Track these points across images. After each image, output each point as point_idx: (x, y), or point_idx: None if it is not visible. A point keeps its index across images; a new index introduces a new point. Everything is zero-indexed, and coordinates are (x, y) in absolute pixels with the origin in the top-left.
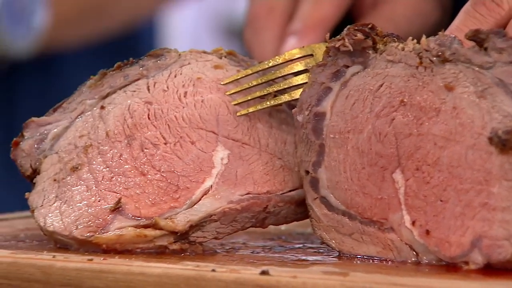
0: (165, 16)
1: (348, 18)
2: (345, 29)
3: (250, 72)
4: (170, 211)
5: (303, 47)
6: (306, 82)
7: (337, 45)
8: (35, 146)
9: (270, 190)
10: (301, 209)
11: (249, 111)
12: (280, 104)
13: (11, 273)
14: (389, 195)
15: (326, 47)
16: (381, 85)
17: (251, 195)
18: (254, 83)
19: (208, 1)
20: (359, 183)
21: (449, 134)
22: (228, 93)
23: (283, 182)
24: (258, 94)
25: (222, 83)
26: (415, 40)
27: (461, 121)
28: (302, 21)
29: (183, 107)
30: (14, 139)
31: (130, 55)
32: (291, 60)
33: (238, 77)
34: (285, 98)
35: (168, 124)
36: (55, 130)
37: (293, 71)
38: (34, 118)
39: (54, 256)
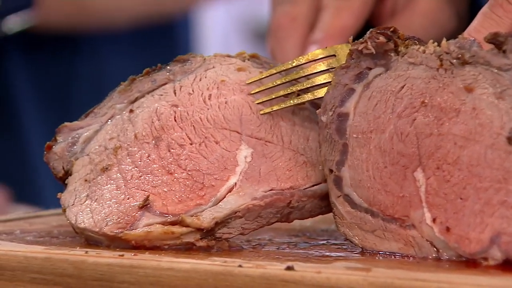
0: (199, 12)
1: (368, 27)
2: (368, 32)
3: (274, 71)
4: (196, 208)
5: (326, 47)
6: (328, 82)
7: (360, 48)
8: (67, 149)
9: (293, 186)
10: (325, 203)
11: (273, 109)
12: (303, 103)
13: (45, 268)
14: (410, 193)
15: (350, 49)
16: (403, 87)
17: (274, 191)
18: (278, 82)
19: (237, 4)
20: (381, 181)
21: (468, 134)
22: (252, 92)
23: (306, 177)
24: (281, 93)
25: (246, 82)
26: (435, 43)
27: (480, 121)
28: (323, 30)
29: (208, 109)
30: (47, 143)
31: (165, 44)
32: (314, 60)
33: (262, 77)
34: (308, 97)
35: (193, 126)
36: (86, 133)
37: (316, 71)
38: (66, 123)
39: (86, 252)
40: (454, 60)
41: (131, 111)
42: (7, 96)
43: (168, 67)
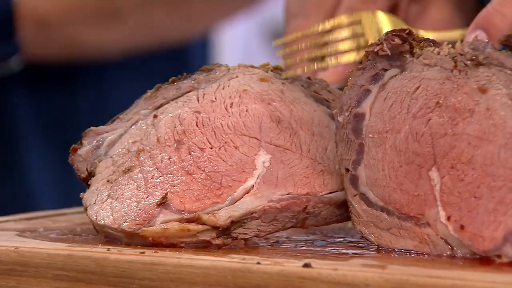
0: (217, 31)
1: None
2: (383, 34)
3: (300, 35)
4: (212, 206)
5: (352, 13)
6: (352, 49)
7: (376, 50)
8: (92, 152)
9: (309, 192)
10: (340, 211)
11: (297, 72)
12: (327, 68)
13: (68, 265)
14: (425, 192)
15: (366, 51)
16: (418, 88)
17: (291, 195)
18: (303, 46)
19: (258, 12)
20: (397, 180)
21: (482, 134)
22: (278, 53)
23: (323, 184)
24: (306, 56)
25: (273, 43)
26: (450, 45)
27: (494, 121)
28: (348, 9)
29: (229, 116)
30: (73, 145)
31: (177, 65)
32: (339, 27)
33: (289, 40)
34: (332, 62)
35: (214, 131)
36: (110, 137)
37: (340, 36)
38: (92, 128)
39: (108, 249)
40: (468, 62)
41: (155, 116)
42: (9, 128)
43: (193, 76)
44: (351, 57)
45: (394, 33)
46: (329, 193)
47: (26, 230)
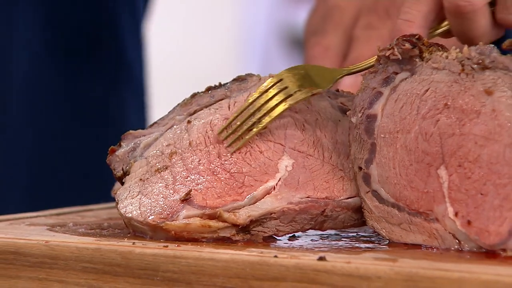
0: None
1: None
2: (394, 39)
3: (235, 115)
4: (232, 203)
5: (273, 76)
6: (281, 101)
7: (387, 54)
8: (128, 153)
9: (328, 196)
10: (357, 216)
11: (239, 146)
12: (264, 127)
13: (95, 258)
14: (434, 189)
15: (377, 55)
16: (427, 90)
17: (310, 199)
18: (240, 121)
19: (273, 14)
20: (407, 178)
21: (488, 134)
22: (222, 138)
23: (342, 190)
24: (245, 127)
25: (217, 134)
26: (458, 49)
27: (499, 122)
28: (355, 59)
29: None
30: (111, 146)
31: None
32: (266, 90)
33: (230, 121)
34: (266, 120)
35: (242, 137)
36: (146, 140)
37: (269, 97)
38: (131, 131)
39: (133, 243)
40: (475, 65)
41: (189, 122)
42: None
43: (227, 85)
44: (282, 108)
45: (404, 38)
46: (348, 198)
47: (56, 225)
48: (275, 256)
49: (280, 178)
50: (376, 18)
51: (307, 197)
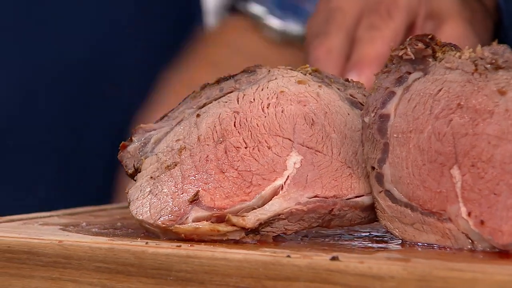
0: None
1: None
2: (408, 39)
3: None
4: (240, 203)
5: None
6: None
7: (400, 54)
8: (139, 149)
9: (336, 194)
10: (365, 214)
11: None
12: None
13: (108, 258)
14: (447, 189)
15: (390, 55)
16: (440, 90)
17: (318, 198)
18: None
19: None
20: (420, 178)
21: (501, 134)
22: None
23: (350, 188)
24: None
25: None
26: (471, 49)
27: None
28: (358, 59)
29: (265, 116)
30: (123, 142)
31: None
32: None
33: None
34: None
35: (250, 131)
36: (157, 135)
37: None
38: (142, 125)
39: (147, 243)
40: (488, 65)
41: (198, 115)
42: None
43: (236, 77)
44: None
45: (417, 38)
46: (356, 197)
47: (69, 224)
48: (288, 256)
49: (288, 176)
50: (378, 19)
51: (315, 196)
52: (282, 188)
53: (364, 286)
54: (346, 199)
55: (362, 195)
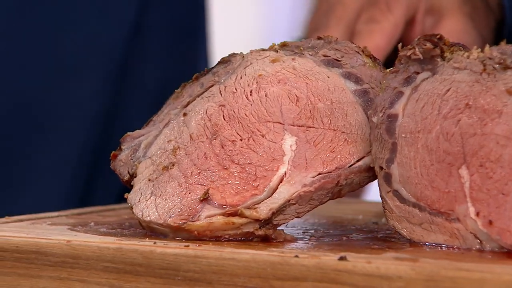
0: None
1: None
2: (416, 39)
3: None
4: (252, 198)
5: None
6: None
7: (408, 54)
8: (131, 155)
9: (338, 166)
10: (371, 173)
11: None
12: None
13: (117, 258)
14: (455, 189)
15: (399, 55)
16: (448, 90)
17: (322, 175)
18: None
19: (296, 9)
20: (428, 178)
21: (510, 134)
22: None
23: (349, 155)
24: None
25: None
26: (479, 49)
27: None
28: (368, 21)
29: (251, 105)
30: (113, 152)
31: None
32: None
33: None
34: None
35: (240, 123)
36: (146, 139)
37: None
38: (129, 133)
39: (155, 243)
40: (497, 65)
41: (185, 114)
42: None
43: (213, 70)
44: None
45: (425, 38)
46: (357, 161)
47: (77, 224)
48: (296, 256)
49: (288, 161)
50: (378, 12)
51: (319, 174)
52: (285, 174)
53: (372, 286)
54: (349, 166)
55: (363, 157)
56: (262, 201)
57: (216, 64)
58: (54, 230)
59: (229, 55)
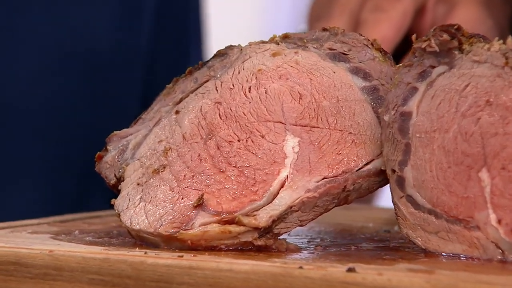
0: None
1: (407, 41)
2: (431, 30)
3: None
4: (250, 204)
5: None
6: None
7: (423, 46)
8: (118, 157)
9: (345, 170)
10: (381, 177)
11: None
12: None
13: (103, 269)
14: (475, 193)
15: (412, 47)
16: (467, 85)
17: (327, 179)
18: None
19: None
20: (445, 182)
21: None
22: None
23: (357, 157)
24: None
25: None
26: (501, 41)
27: None
28: (374, 8)
29: (249, 102)
30: (98, 153)
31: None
32: None
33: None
34: None
35: (238, 122)
36: (135, 139)
37: None
38: (115, 132)
39: (145, 253)
40: None
41: (177, 112)
42: None
43: (209, 63)
44: None
45: (442, 28)
46: (366, 164)
47: (61, 233)
48: (300, 267)
49: (290, 164)
50: (385, 0)
51: (324, 178)
52: (287, 178)
53: None
54: (356, 170)
55: (372, 160)
56: (262, 207)
57: (212, 57)
58: (35, 239)
59: (226, 47)
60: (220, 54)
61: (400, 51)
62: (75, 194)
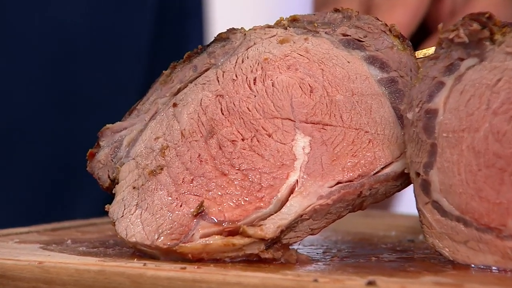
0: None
1: (423, 29)
2: (460, 19)
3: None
4: (255, 212)
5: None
6: None
7: (451, 36)
8: (111, 155)
9: (361, 173)
10: (400, 181)
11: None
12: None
13: (98, 282)
14: (508, 199)
15: (439, 38)
16: (500, 80)
17: (341, 185)
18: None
19: None
20: (475, 186)
21: None
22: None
23: (374, 159)
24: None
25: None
26: None
27: None
28: None
29: (255, 96)
30: (90, 150)
31: None
32: None
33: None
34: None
35: (242, 118)
36: (130, 135)
37: None
38: (108, 125)
39: (144, 264)
40: None
41: (175, 104)
42: None
43: (209, 49)
44: None
45: (472, 17)
46: (384, 167)
47: (52, 242)
48: (315, 280)
49: (300, 167)
50: None
51: (338, 184)
52: (297, 183)
53: None
54: (374, 174)
55: (391, 163)
56: (269, 216)
57: (212, 42)
58: (23, 249)
59: (227, 30)
60: (221, 38)
61: (415, 40)
62: (64, 196)
